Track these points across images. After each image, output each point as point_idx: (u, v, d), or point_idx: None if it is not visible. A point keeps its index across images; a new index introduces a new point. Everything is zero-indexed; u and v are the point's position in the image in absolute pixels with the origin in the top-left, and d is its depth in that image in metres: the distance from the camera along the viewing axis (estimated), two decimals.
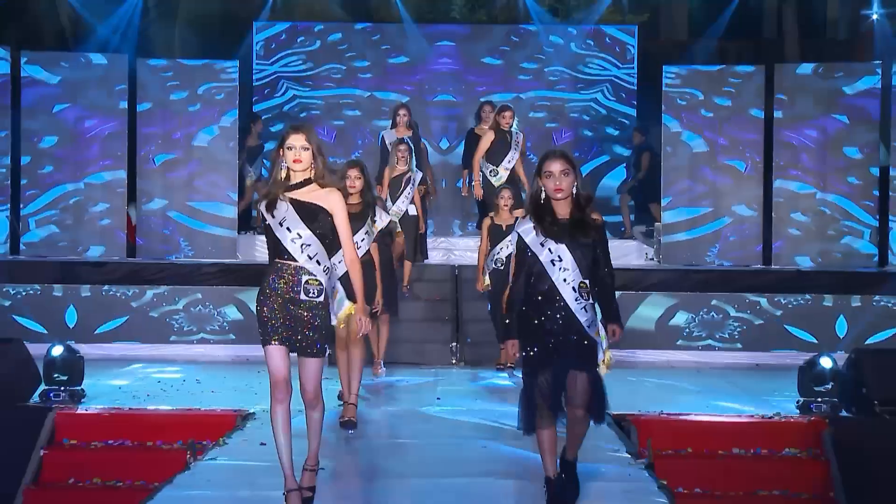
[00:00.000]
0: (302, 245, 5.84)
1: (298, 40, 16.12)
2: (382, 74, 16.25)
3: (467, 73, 16.12)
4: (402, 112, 13.22)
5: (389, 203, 11.66)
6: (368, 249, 8.55)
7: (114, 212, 14.29)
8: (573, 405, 6.04)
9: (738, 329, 12.35)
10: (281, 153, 5.88)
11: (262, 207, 5.94)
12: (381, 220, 8.85)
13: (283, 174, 5.92)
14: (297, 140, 5.86)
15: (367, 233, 8.47)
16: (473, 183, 12.44)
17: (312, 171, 5.90)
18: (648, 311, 12.42)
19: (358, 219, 8.23)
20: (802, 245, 14.19)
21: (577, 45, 16.15)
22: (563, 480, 6.19)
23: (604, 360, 6.23)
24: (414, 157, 12.28)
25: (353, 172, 8.48)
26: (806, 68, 14.75)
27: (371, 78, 16.27)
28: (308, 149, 5.86)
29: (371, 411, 9.21)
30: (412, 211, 12.08)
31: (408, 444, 8.20)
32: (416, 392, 10.32)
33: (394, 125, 13.18)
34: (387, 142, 12.98)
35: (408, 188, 11.97)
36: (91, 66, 14.50)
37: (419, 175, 12.26)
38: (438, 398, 9.85)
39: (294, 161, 5.85)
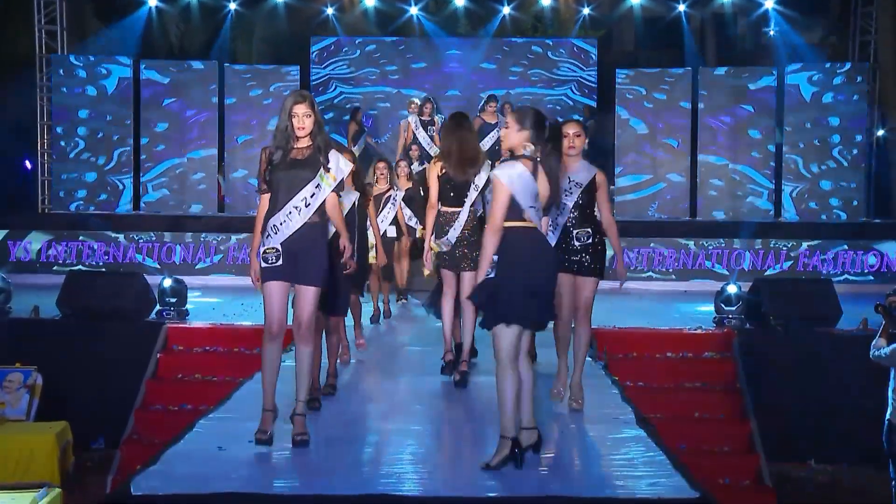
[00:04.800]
0: None
1: (343, 50, 15.88)
2: (406, 76, 15.99)
3: (471, 74, 15.86)
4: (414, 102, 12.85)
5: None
6: (322, 206, 4.98)
7: (208, 179, 14.31)
8: None
9: (671, 265, 12.26)
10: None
11: None
12: (339, 168, 4.99)
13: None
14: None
15: (317, 186, 4.93)
16: None
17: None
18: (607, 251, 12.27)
19: (305, 166, 4.96)
20: (718, 202, 14.13)
21: (552, 53, 15.91)
22: None
23: None
24: (394, 174, 9.69)
25: (301, 109, 4.94)
26: (721, 70, 14.66)
27: (398, 79, 16.03)
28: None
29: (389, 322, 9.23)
30: (391, 233, 9.23)
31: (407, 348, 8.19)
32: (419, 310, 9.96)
33: (421, 113, 12.73)
34: (411, 125, 12.66)
35: (388, 206, 9.12)
36: (191, 71, 14.45)
37: (401, 193, 9.38)
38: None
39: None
